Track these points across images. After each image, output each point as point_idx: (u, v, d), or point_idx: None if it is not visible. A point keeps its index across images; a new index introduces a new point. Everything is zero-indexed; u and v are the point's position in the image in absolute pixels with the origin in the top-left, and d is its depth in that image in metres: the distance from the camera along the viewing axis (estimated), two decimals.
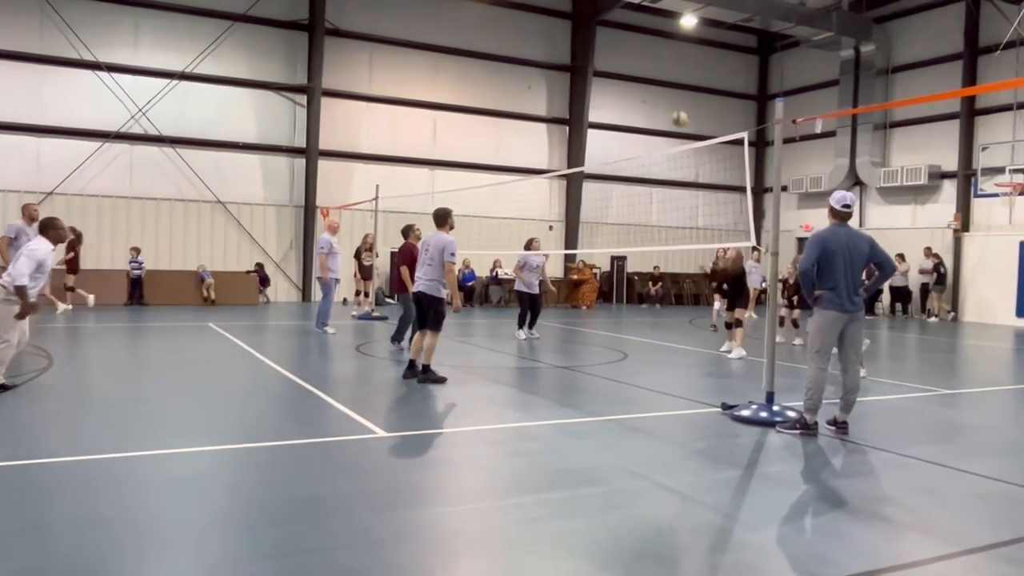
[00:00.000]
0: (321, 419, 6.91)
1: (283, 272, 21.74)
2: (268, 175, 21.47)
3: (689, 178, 26.46)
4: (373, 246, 17.52)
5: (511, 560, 3.82)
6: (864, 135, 23.94)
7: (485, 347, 12.54)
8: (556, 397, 8.42)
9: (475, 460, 5.78)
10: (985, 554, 3.95)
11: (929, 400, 8.61)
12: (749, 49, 28.06)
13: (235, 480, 4.99)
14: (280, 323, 15.99)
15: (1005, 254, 20.53)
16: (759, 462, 5.73)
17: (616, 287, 25.95)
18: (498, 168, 23.46)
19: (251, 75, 20.97)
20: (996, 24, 20.35)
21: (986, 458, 6.05)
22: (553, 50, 24.70)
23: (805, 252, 6.63)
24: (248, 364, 10.06)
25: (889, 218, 23.86)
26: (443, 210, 8.94)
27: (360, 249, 17.82)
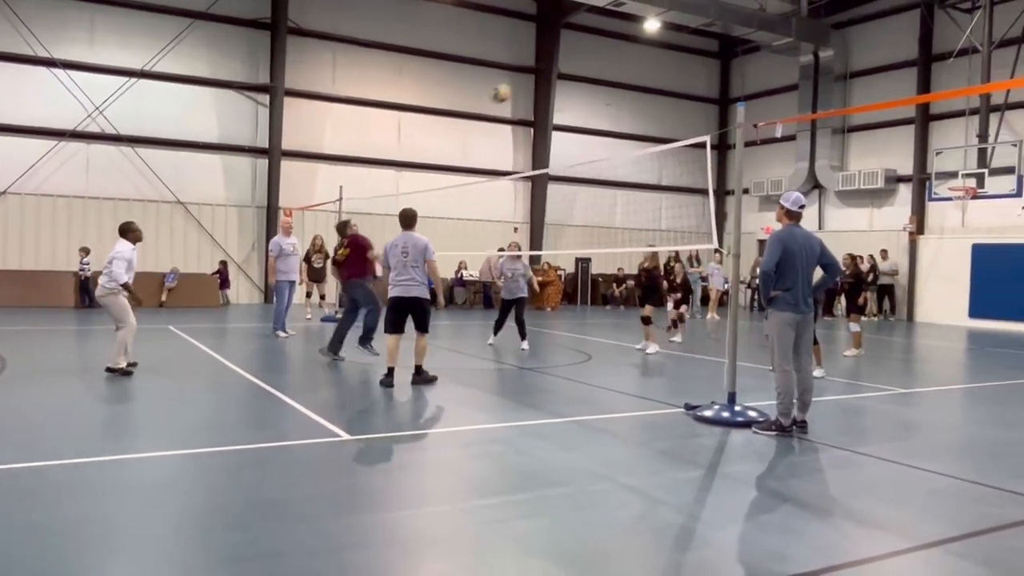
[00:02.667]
0: (283, 422, 6.84)
1: (245, 274, 21.48)
2: (230, 175, 21.20)
3: (653, 181, 26.71)
4: (323, 247, 17.22)
5: (475, 562, 3.82)
6: (823, 139, 24.38)
7: (450, 349, 12.52)
8: (520, 399, 8.44)
9: (439, 463, 5.77)
10: (938, 549, 4.05)
11: (885, 399, 8.79)
12: (711, 53, 28.40)
13: (194, 485, 4.92)
14: (242, 325, 15.79)
15: (958, 256, 21.05)
16: (721, 462, 5.80)
17: (580, 289, 26.09)
18: (463, 169, 23.45)
19: (212, 74, 20.69)
20: (949, 32, 20.87)
21: (939, 455, 6.21)
22: (518, 52, 24.76)
23: (767, 253, 6.68)
24: (209, 367, 9.92)
25: (847, 221, 24.32)
26: (412, 211, 8.87)
27: (310, 251, 17.40)
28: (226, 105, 21.00)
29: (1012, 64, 19.19)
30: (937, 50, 21.71)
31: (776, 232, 6.82)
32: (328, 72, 22.13)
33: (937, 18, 21.62)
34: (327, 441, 6.08)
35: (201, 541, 3.94)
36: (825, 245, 6.85)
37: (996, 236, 20.41)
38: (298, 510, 4.37)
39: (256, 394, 8.11)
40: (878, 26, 23.51)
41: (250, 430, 6.59)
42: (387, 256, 8.70)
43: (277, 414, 7.17)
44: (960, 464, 5.91)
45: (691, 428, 6.83)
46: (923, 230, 22.32)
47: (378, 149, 22.74)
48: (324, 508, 4.45)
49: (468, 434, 6.58)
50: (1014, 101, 19.70)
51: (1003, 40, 19.35)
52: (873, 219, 23.76)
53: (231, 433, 6.40)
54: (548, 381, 9.61)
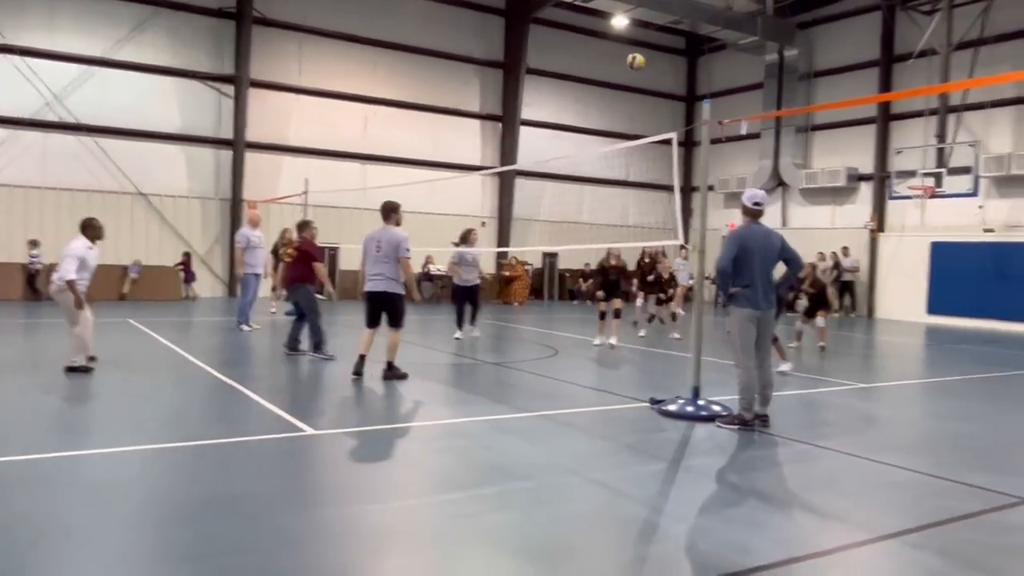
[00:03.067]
0: (247, 417, 6.76)
1: (208, 267, 21.18)
2: (193, 167, 20.87)
3: (620, 177, 26.84)
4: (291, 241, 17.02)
5: (440, 556, 3.81)
6: (787, 137, 24.70)
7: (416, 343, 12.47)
8: (487, 393, 8.43)
9: (404, 457, 5.75)
10: (896, 540, 4.12)
11: (846, 394, 8.94)
12: (678, 51, 28.61)
13: (153, 481, 4.84)
14: (205, 319, 15.58)
15: (917, 254, 21.49)
16: (685, 455, 5.85)
17: (548, 284, 26.14)
18: (431, 164, 23.35)
19: (175, 63, 20.34)
20: (910, 33, 21.25)
21: (898, 449, 6.32)
22: (486, 46, 24.71)
23: (724, 250, 6.71)
24: (170, 361, 9.77)
25: (810, 218, 24.68)
26: (391, 203, 8.68)
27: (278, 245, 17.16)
28: (189, 95, 20.67)
29: (970, 66, 19.59)
30: (898, 51, 22.11)
31: (735, 229, 6.87)
32: (294, 63, 21.88)
33: (898, 20, 22.01)
34: (290, 436, 6.02)
35: (159, 538, 3.87)
36: (786, 240, 6.90)
37: (954, 234, 20.86)
38: (260, 506, 4.32)
39: (218, 388, 8.00)
40: (841, 26, 23.86)
41: (212, 425, 6.50)
42: (363, 248, 8.66)
43: (239, 409, 7.08)
44: (918, 458, 6.03)
45: (656, 422, 6.88)
46: (883, 228, 22.74)
47: (345, 142, 22.56)
48: (286, 503, 4.40)
49: (434, 429, 6.56)
50: (971, 102, 20.13)
51: (962, 42, 19.75)
52: (835, 217, 24.13)
53: (192, 428, 6.31)
54: (515, 376, 9.61)
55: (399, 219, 8.70)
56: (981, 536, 4.23)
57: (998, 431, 7.17)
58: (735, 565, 3.66)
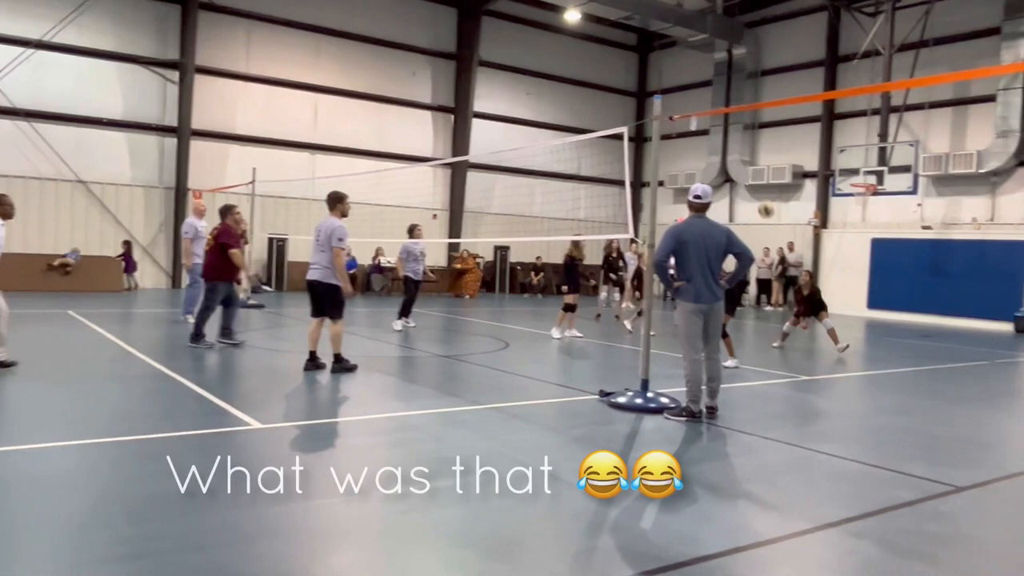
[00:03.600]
0: (191, 412, 6.61)
1: (151, 257, 20.66)
2: (136, 154, 20.31)
3: (571, 171, 26.95)
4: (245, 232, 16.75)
5: (388, 551, 3.79)
6: (735, 134, 25.10)
7: (367, 336, 12.36)
8: (437, 386, 8.40)
9: (353, 451, 5.70)
10: (837, 529, 4.23)
11: (790, 386, 9.14)
12: (629, 47, 28.82)
13: (93, 477, 4.71)
14: (148, 311, 15.20)
15: (858, 250, 22.05)
16: (634, 447, 5.91)
17: (499, 277, 26.15)
18: (381, 154, 23.14)
19: (117, 47, 19.75)
20: (854, 34, 21.75)
21: (839, 440, 6.49)
22: (439, 37, 24.55)
23: (660, 244, 6.78)
24: (112, 354, 9.51)
25: (756, 214, 25.12)
26: (336, 194, 8.56)
27: None
28: (133, 81, 20.10)
29: (911, 67, 20.14)
30: (843, 51, 22.62)
31: (673, 224, 6.94)
32: (242, 50, 21.44)
33: (843, 21, 22.51)
34: (236, 430, 5.91)
35: (99, 537, 3.77)
36: (734, 235, 6.93)
37: (893, 231, 21.47)
38: (204, 502, 4.23)
39: (162, 382, 7.82)
40: (788, 26, 24.32)
41: (155, 419, 6.35)
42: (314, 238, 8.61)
43: (183, 403, 6.92)
44: (859, 448, 6.19)
45: (605, 415, 6.93)
46: (827, 224, 23.28)
47: (293, 131, 22.20)
48: (232, 499, 4.32)
49: (383, 422, 6.51)
50: (912, 103, 20.70)
51: (904, 44, 20.29)
52: (781, 213, 24.63)
53: (134, 423, 6.15)
54: (465, 369, 9.60)
55: (345, 210, 8.56)
56: (917, 524, 4.37)
57: (934, 422, 7.41)
58: (682, 555, 3.72)
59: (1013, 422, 8.13)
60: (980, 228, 19.89)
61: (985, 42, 19.57)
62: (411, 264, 13.11)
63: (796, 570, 3.81)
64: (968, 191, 20.24)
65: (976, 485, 5.18)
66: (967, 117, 20.42)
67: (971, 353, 13.32)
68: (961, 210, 20.42)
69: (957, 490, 5.01)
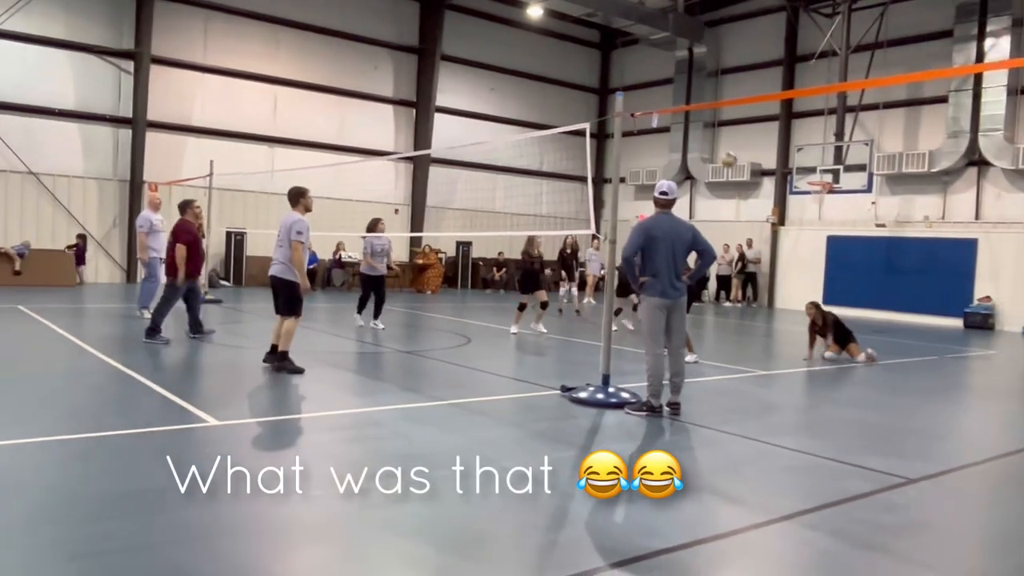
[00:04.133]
0: (147, 408, 6.49)
1: (105, 251, 20.21)
2: (89, 146, 19.83)
3: (534, 166, 26.98)
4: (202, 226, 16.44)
5: (349, 547, 3.76)
6: (695, 132, 25.36)
7: (327, 332, 12.25)
8: (399, 382, 8.36)
9: (314, 448, 5.64)
10: (792, 521, 4.30)
11: (747, 380, 9.27)
12: (592, 44, 28.92)
13: (48, 475, 4.59)
14: (102, 305, 14.87)
15: (814, 247, 22.44)
16: (595, 442, 5.95)
17: (461, 272, 26.09)
18: (342, 148, 22.90)
19: (69, 36, 19.23)
20: (812, 35, 22.10)
21: (795, 433, 6.61)
22: (400, 31, 24.38)
23: (628, 240, 6.82)
24: (64, 350, 9.29)
25: (716, 211, 25.43)
26: (297, 189, 8.40)
27: None
28: (85, 70, 19.60)
29: (866, 68, 20.53)
30: (801, 51, 22.97)
31: (641, 220, 6.99)
32: (199, 41, 21.05)
33: (801, 21, 22.85)
34: (193, 427, 5.81)
35: (58, 535, 3.67)
36: (699, 232, 7.02)
37: (848, 229, 21.88)
38: (161, 500, 4.15)
39: (116, 378, 7.66)
40: (748, 26, 24.62)
41: (109, 416, 6.21)
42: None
43: (139, 399, 6.79)
44: (814, 441, 6.31)
45: (567, 409, 6.96)
46: (784, 221, 23.65)
47: (252, 123, 21.87)
48: (188, 497, 4.24)
49: (343, 418, 6.46)
50: (867, 103, 21.11)
51: (859, 45, 20.67)
52: (740, 210, 24.96)
53: (88, 420, 6.01)
54: (427, 364, 9.57)
55: (308, 204, 8.41)
56: (871, 515, 4.46)
57: (887, 416, 7.57)
58: (643, 548, 3.75)
59: (963, 415, 8.35)
60: (932, 226, 20.37)
61: (937, 44, 20.03)
62: (375, 260, 12.63)
63: (753, 562, 3.87)
64: (920, 190, 20.71)
65: (928, 476, 5.31)
66: (920, 117, 20.89)
67: (922, 348, 13.65)
68: (914, 208, 20.90)
69: (909, 481, 5.12)
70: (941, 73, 20.80)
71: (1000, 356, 13.70)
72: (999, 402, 9.14)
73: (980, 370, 12.30)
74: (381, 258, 12.66)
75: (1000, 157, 18.80)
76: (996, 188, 19.52)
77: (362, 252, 13.07)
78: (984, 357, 13.48)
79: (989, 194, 19.67)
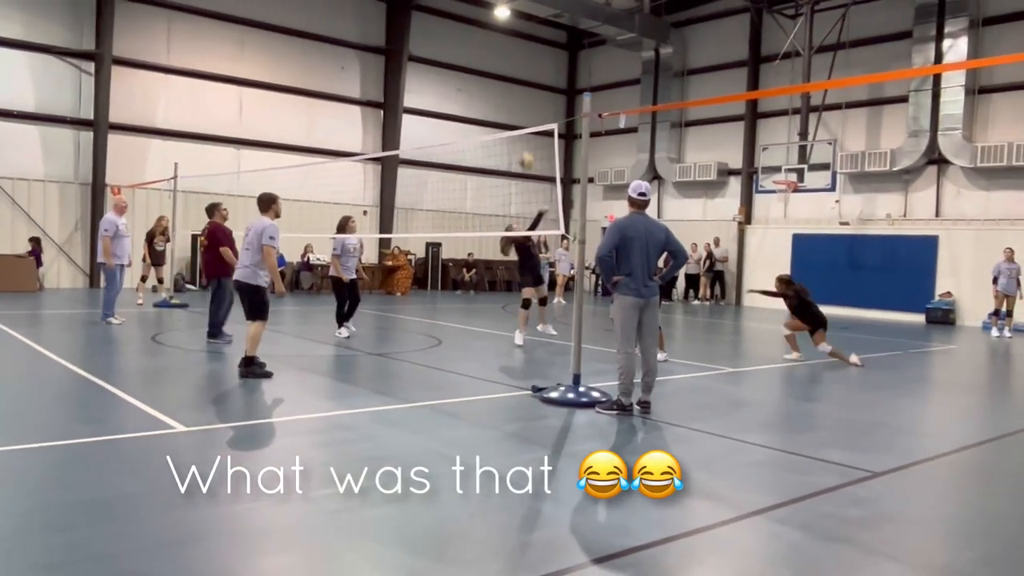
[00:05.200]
0: (111, 415, 6.39)
1: (67, 256, 19.84)
2: (49, 148, 19.44)
3: (502, 167, 26.98)
4: (167, 229, 16.23)
5: (319, 552, 3.73)
6: (662, 132, 25.56)
7: (296, 335, 12.15)
8: (370, 385, 8.32)
9: (283, 452, 5.59)
10: (762, 516, 4.36)
11: (715, 378, 9.37)
12: (559, 44, 29.00)
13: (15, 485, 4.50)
14: (64, 312, 14.59)
15: (780, 245, 22.74)
16: (567, 441, 5.98)
17: (431, 273, 26.02)
18: (309, 150, 22.72)
19: (27, 36, 18.84)
20: (776, 36, 22.38)
21: (762, 429, 6.69)
22: (367, 32, 24.25)
23: (604, 239, 6.87)
24: (26, 357, 9.10)
25: (683, 210, 25.65)
26: (267, 195, 8.38)
27: (154, 232, 16.27)
28: (44, 72, 19.22)
29: (829, 68, 20.84)
30: (765, 52, 23.25)
31: (617, 219, 7.05)
32: (162, 41, 20.75)
33: (765, 23, 23.14)
34: (159, 433, 5.73)
35: (21, 546, 3.60)
36: (672, 233, 7.08)
37: (813, 227, 22.21)
38: (127, 507, 4.10)
39: (81, 386, 7.53)
40: (713, 27, 24.87)
41: (75, 424, 6.10)
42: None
43: (105, 406, 6.68)
44: (781, 437, 6.40)
45: (538, 410, 6.98)
46: (750, 220, 23.93)
47: (217, 125, 21.60)
48: (156, 504, 4.19)
49: (313, 422, 6.41)
50: (830, 103, 21.43)
51: (822, 46, 20.98)
52: (707, 209, 25.20)
53: (53, 428, 5.90)
54: (397, 366, 9.53)
55: (278, 210, 8.39)
56: (837, 509, 4.53)
57: (852, 410, 7.70)
58: (616, 546, 3.78)
59: (925, 408, 8.52)
60: (894, 224, 20.75)
61: (898, 45, 20.41)
62: (345, 260, 11.87)
63: (724, 557, 3.91)
64: (882, 188, 21.09)
65: (892, 470, 5.41)
66: (881, 117, 21.26)
67: (886, 343, 13.90)
68: (876, 206, 21.27)
69: (874, 475, 5.22)
70: (902, 74, 21.21)
71: (961, 351, 14.00)
72: (960, 396, 9.35)
73: (942, 364, 12.56)
74: (352, 258, 11.92)
75: (959, 156, 19.20)
76: (955, 186, 19.94)
77: (331, 253, 12.23)
78: (945, 352, 13.76)
79: (949, 192, 20.08)
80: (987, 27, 19.27)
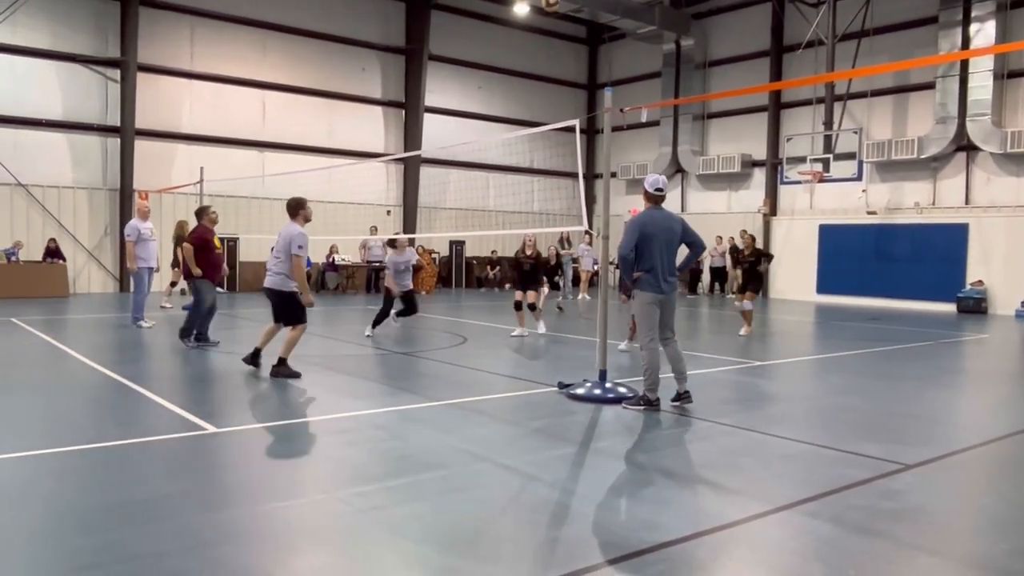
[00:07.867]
0: (145, 418, 6.48)
1: (97, 261, 20.16)
2: (77, 155, 19.78)
3: (524, 164, 27.00)
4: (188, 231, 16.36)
5: (351, 550, 3.77)
6: (685, 125, 25.41)
7: (322, 335, 12.24)
8: (397, 384, 8.37)
9: (313, 452, 5.64)
10: (792, 510, 4.33)
11: (743, 372, 9.30)
12: (579, 39, 28.93)
13: (47, 488, 4.58)
14: (95, 316, 14.83)
15: (806, 236, 22.53)
16: (594, 437, 5.97)
17: (455, 272, 26.11)
18: (332, 151, 22.89)
19: (54, 46, 19.18)
20: (799, 25, 22.16)
21: (792, 423, 6.63)
22: (387, 32, 24.35)
23: (625, 237, 6.84)
24: (61, 362, 9.27)
25: (707, 203, 25.50)
26: (295, 200, 8.33)
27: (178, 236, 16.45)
28: (71, 80, 19.54)
29: (853, 56, 20.59)
30: (788, 42, 23.03)
31: (635, 216, 7.01)
32: (186, 47, 21.00)
33: (788, 12, 22.91)
34: (192, 435, 5.81)
35: (55, 548, 3.67)
36: (688, 224, 7.06)
37: (839, 217, 21.97)
38: (163, 509, 4.16)
39: (114, 389, 7.65)
40: (734, 17, 24.66)
41: (108, 427, 6.20)
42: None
43: (137, 409, 6.78)
44: (811, 430, 6.34)
45: (564, 406, 6.98)
46: (776, 212, 23.71)
47: (241, 129, 21.83)
48: (191, 505, 4.25)
49: (342, 421, 6.46)
50: (855, 91, 21.18)
51: (846, 34, 20.73)
52: (731, 201, 25.01)
53: (88, 431, 6.00)
54: (424, 365, 9.57)
55: (307, 215, 8.38)
56: (870, 502, 4.49)
57: (883, 402, 7.61)
58: (644, 542, 3.77)
59: (958, 399, 8.40)
60: (922, 212, 20.46)
61: (923, 31, 20.10)
62: (399, 279, 12.16)
63: (755, 551, 3.89)
64: (910, 176, 20.80)
65: (925, 462, 5.34)
66: (908, 104, 20.96)
67: (916, 334, 13.71)
68: (904, 195, 20.98)
69: (907, 467, 5.16)
70: (928, 60, 20.88)
71: (993, 340, 13.77)
72: (993, 386, 9.20)
73: (974, 354, 12.36)
74: (406, 276, 12.24)
75: (988, 141, 18.88)
76: (985, 172, 19.62)
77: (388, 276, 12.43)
78: (977, 341, 13.55)
79: (978, 178, 19.76)
80: (1015, 10, 18.92)
